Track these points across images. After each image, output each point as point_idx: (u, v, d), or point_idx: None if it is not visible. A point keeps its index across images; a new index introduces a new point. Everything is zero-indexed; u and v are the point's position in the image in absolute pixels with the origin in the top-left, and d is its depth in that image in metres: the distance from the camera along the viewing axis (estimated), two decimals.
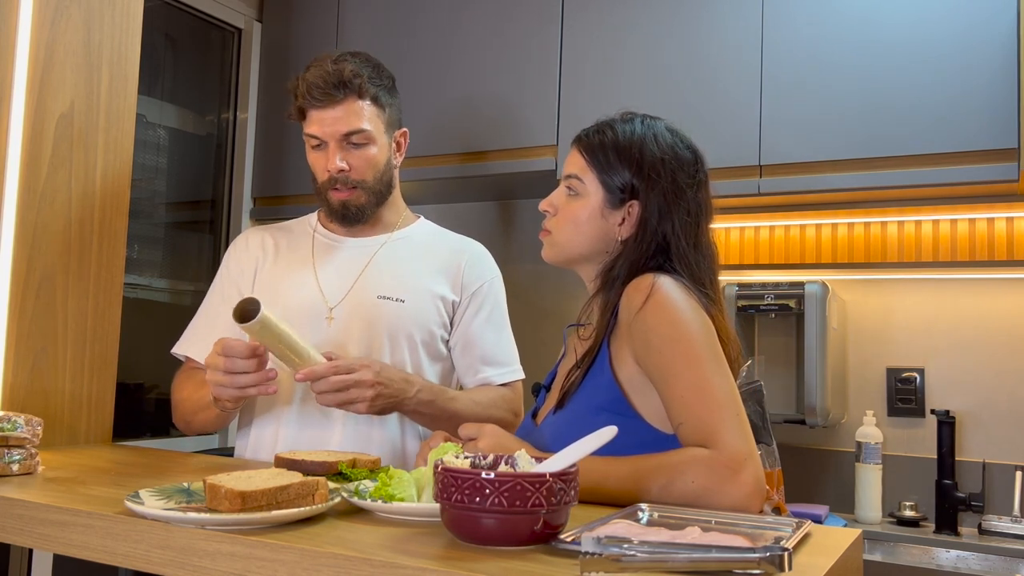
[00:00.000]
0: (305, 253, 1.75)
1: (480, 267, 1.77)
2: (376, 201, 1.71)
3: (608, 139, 1.34)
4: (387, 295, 1.67)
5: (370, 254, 1.73)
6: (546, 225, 1.38)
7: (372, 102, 1.66)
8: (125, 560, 0.97)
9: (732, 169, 2.26)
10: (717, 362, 1.19)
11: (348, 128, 1.64)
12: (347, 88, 1.63)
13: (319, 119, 1.65)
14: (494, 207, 3.01)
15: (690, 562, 0.79)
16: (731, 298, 2.35)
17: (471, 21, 2.67)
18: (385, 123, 1.70)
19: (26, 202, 1.63)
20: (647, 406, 1.24)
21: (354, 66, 1.64)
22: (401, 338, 1.66)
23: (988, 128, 2.01)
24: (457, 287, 1.73)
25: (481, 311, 1.74)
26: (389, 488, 1.05)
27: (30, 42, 1.64)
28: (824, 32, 2.21)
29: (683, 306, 1.21)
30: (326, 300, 1.68)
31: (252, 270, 1.77)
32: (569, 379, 1.31)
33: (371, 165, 1.68)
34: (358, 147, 1.66)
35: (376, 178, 1.69)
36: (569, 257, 1.37)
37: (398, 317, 1.66)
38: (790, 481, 1.75)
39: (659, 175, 1.31)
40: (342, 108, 1.63)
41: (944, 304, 2.37)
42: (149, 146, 2.90)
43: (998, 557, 2.00)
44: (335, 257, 1.73)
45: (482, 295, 1.74)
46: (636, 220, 1.32)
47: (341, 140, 1.64)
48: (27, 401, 1.62)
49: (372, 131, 1.66)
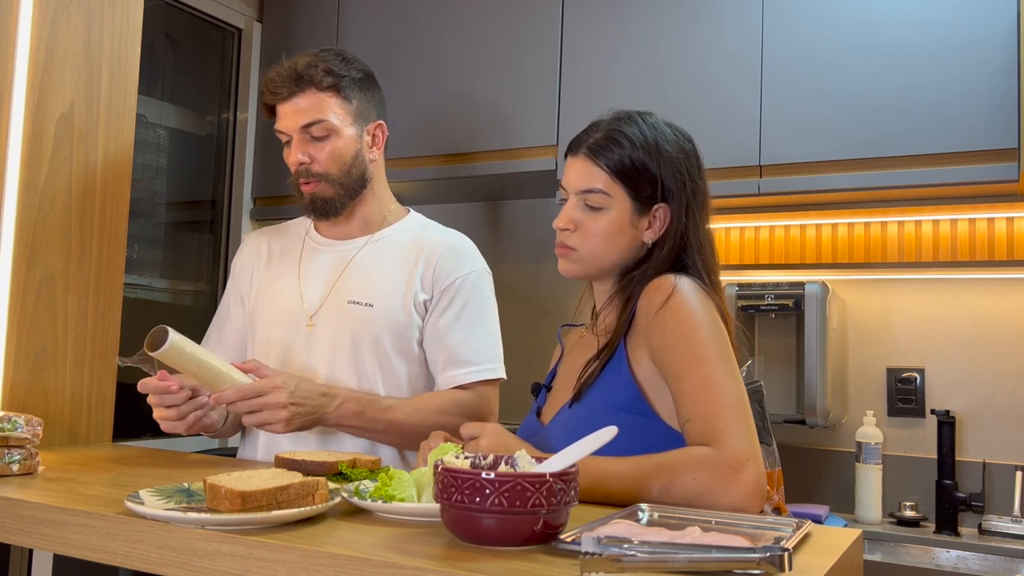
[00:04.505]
0: (294, 258, 1.76)
1: (454, 262, 1.70)
2: (346, 194, 1.69)
3: (626, 148, 1.32)
4: (357, 300, 1.66)
5: (348, 258, 1.72)
6: (566, 242, 1.35)
7: (333, 93, 1.65)
8: (125, 560, 0.97)
9: (732, 169, 2.26)
10: (728, 365, 1.21)
11: (306, 119, 1.63)
12: (302, 80, 1.63)
13: (281, 114, 1.66)
14: (493, 207, 3.01)
15: (690, 562, 0.79)
16: (731, 298, 2.34)
17: (471, 21, 2.67)
18: (352, 115, 1.67)
19: (26, 202, 1.63)
20: (663, 405, 1.25)
21: (312, 59, 1.65)
22: (367, 342, 1.64)
23: (988, 128, 2.01)
24: (428, 284, 1.68)
25: (450, 308, 1.67)
26: (389, 488, 1.05)
27: (30, 42, 1.64)
28: (824, 32, 2.21)
29: (700, 309, 1.23)
30: (306, 307, 1.68)
31: (250, 275, 1.79)
32: (586, 371, 1.31)
33: (334, 157, 1.66)
34: (319, 139, 1.65)
35: (342, 171, 1.67)
36: (599, 270, 1.37)
37: (366, 322, 1.64)
38: (790, 481, 1.75)
39: (680, 173, 1.33)
40: (300, 100, 1.63)
41: (944, 304, 2.36)
42: (149, 146, 2.90)
43: (998, 557, 2.00)
44: (318, 261, 1.74)
45: (453, 291, 1.67)
46: (664, 222, 1.33)
47: (302, 133, 1.65)
48: (27, 401, 1.62)
49: (334, 123, 1.64)
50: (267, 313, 1.72)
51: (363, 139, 1.70)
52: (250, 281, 1.78)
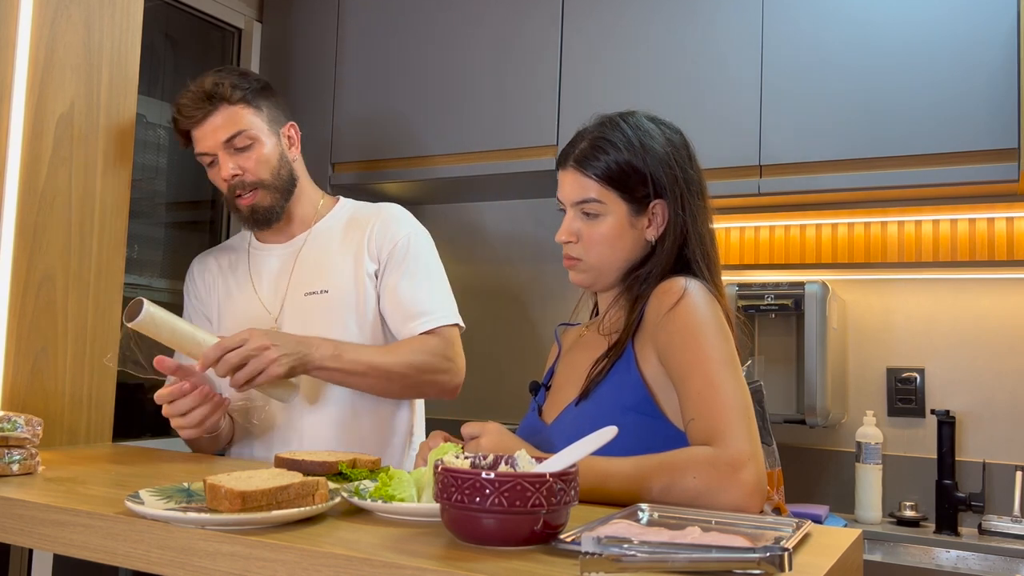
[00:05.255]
0: (244, 269, 1.83)
1: (388, 229, 1.77)
2: (282, 197, 1.76)
3: (611, 154, 1.33)
4: (312, 290, 1.73)
5: (295, 254, 1.78)
6: (572, 253, 1.38)
7: (244, 104, 1.71)
8: (125, 560, 0.98)
9: (732, 169, 2.26)
10: (733, 368, 1.22)
11: (227, 133, 1.69)
12: (214, 98, 1.69)
13: (201, 135, 1.71)
14: (494, 207, 3.01)
15: (690, 562, 0.79)
16: (731, 298, 2.34)
17: (470, 21, 2.67)
18: (266, 121, 1.74)
19: (26, 202, 1.63)
20: (671, 406, 1.26)
21: (215, 77, 1.71)
22: (335, 328, 1.69)
23: (988, 128, 2.01)
24: (373, 255, 1.75)
25: (396, 271, 1.74)
26: (389, 488, 1.05)
27: (30, 42, 1.64)
28: (824, 32, 2.20)
29: (708, 312, 1.25)
30: (268, 310, 1.74)
31: (207, 293, 1.85)
32: (595, 370, 1.32)
33: (263, 163, 1.72)
34: (243, 150, 1.70)
35: (273, 174, 1.73)
36: (609, 277, 1.38)
37: (327, 308, 1.71)
38: (790, 481, 1.75)
39: (669, 166, 1.34)
40: (216, 118, 1.69)
41: (944, 304, 2.37)
42: (149, 146, 2.90)
43: (998, 557, 2.00)
44: (268, 265, 1.80)
45: (396, 255, 1.75)
46: (663, 217, 1.35)
47: (226, 147, 1.70)
48: (27, 401, 1.62)
49: (253, 131, 1.71)
50: (234, 324, 1.74)
51: (282, 141, 1.77)
52: (208, 297, 1.84)
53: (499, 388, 2.80)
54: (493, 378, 2.81)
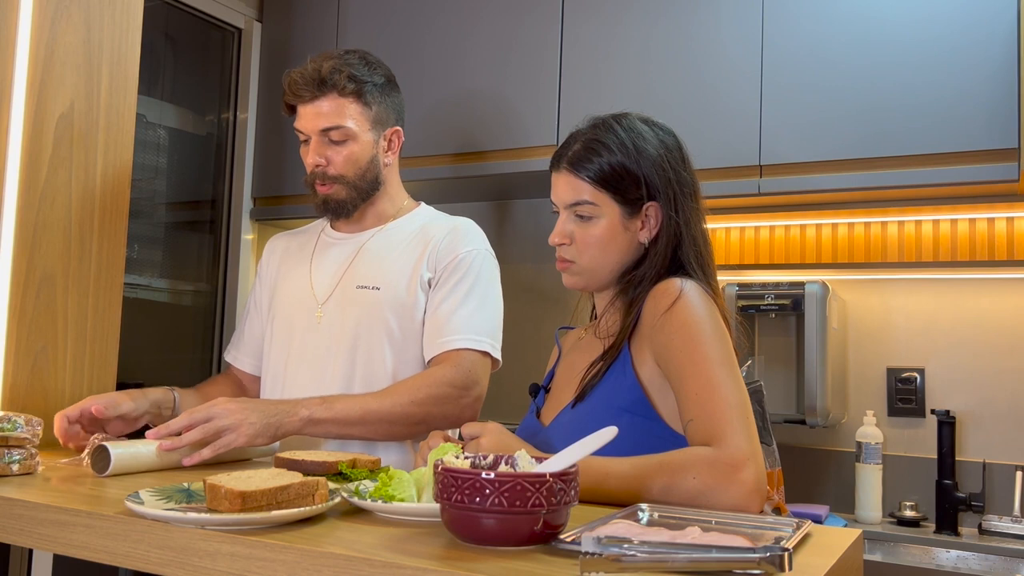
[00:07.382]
0: (307, 254, 1.82)
1: (455, 241, 1.72)
2: (359, 196, 1.74)
3: (604, 156, 1.33)
4: (365, 284, 1.71)
5: (359, 247, 1.77)
6: (565, 256, 1.38)
7: (355, 99, 1.68)
8: (125, 560, 0.97)
9: (732, 169, 2.25)
10: (731, 368, 1.22)
11: (326, 124, 1.67)
12: (325, 85, 1.66)
13: (302, 114, 1.70)
14: (495, 207, 3.01)
15: (690, 562, 0.79)
16: (731, 298, 2.35)
17: (471, 21, 2.67)
18: (371, 120, 1.71)
19: (26, 202, 1.63)
20: (667, 407, 1.26)
21: (337, 63, 1.67)
22: (376, 325, 1.68)
23: (988, 128, 2.01)
24: (431, 265, 1.71)
25: (447, 284, 1.68)
26: (389, 488, 1.05)
27: (30, 42, 1.64)
28: (824, 32, 2.20)
29: (705, 313, 1.25)
30: (316, 297, 1.74)
31: (266, 277, 1.88)
32: (590, 372, 1.32)
33: (350, 162, 1.70)
34: (337, 143, 1.69)
35: (357, 175, 1.72)
36: (601, 279, 1.38)
37: (373, 304, 1.69)
38: (790, 481, 1.75)
39: (662, 168, 1.34)
40: (322, 104, 1.67)
41: (944, 304, 2.36)
42: (149, 146, 2.90)
43: (998, 557, 2.00)
44: (330, 255, 1.79)
45: (451, 269, 1.69)
46: (656, 219, 1.34)
47: (321, 135, 1.68)
48: (27, 401, 1.62)
49: (353, 128, 1.69)
50: (281, 307, 1.78)
51: (379, 144, 1.75)
52: (265, 283, 1.86)
53: (499, 389, 2.80)
54: (494, 379, 2.80)
